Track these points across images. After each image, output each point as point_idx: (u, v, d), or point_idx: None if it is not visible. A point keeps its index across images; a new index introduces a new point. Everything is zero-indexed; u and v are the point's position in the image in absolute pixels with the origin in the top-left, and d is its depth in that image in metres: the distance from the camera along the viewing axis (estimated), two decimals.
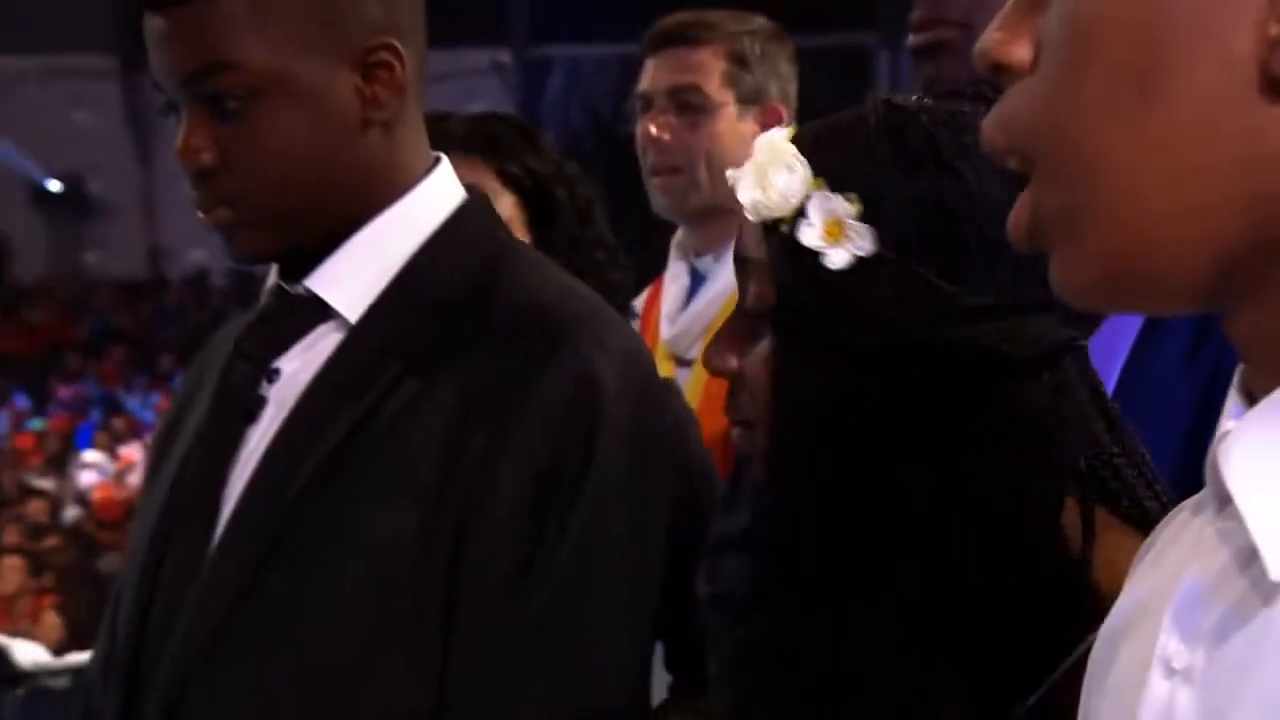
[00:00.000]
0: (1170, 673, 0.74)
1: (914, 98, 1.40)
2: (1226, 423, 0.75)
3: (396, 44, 1.62)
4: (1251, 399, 0.74)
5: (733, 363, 1.33)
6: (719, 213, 2.60)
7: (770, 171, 1.26)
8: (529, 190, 2.30)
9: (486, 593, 1.52)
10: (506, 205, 2.24)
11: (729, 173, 1.36)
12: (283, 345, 1.66)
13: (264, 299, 1.73)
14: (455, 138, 2.23)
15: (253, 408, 1.65)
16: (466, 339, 1.61)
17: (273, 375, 1.65)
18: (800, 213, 1.24)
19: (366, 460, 1.57)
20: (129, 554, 1.77)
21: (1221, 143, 0.71)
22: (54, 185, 19.55)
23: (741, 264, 1.36)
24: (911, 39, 1.77)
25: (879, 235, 1.23)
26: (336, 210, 1.65)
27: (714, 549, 1.73)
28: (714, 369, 1.36)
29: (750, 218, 1.29)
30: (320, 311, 1.65)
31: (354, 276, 1.64)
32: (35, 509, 10.71)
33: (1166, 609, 0.76)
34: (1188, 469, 1.44)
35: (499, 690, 1.52)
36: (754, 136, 2.64)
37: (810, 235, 1.23)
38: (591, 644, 1.54)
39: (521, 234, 2.23)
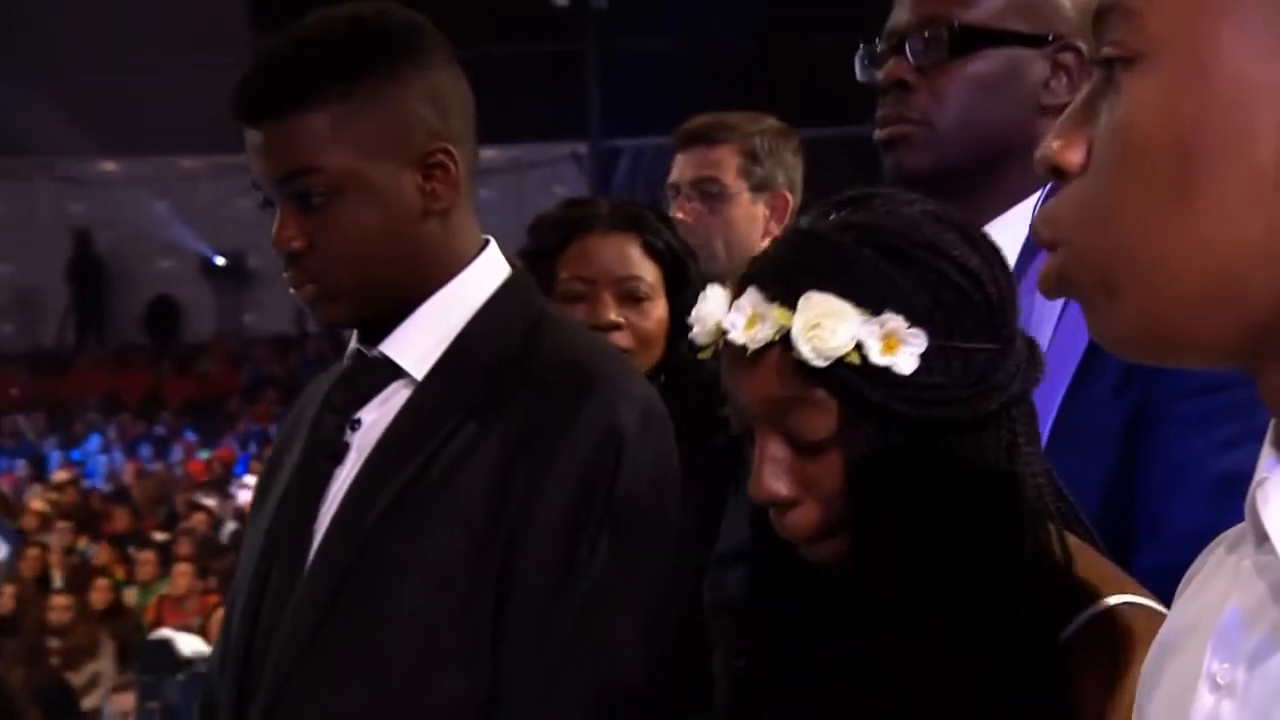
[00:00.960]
0: (1215, 687, 0.73)
1: (879, 192, 1.38)
2: (1262, 472, 0.72)
3: (451, 148, 1.62)
4: None
5: (786, 491, 1.26)
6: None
7: (826, 325, 1.20)
8: (668, 261, 2.26)
9: (529, 600, 1.52)
10: (650, 273, 2.24)
11: (738, 331, 1.27)
12: (362, 400, 1.66)
13: (346, 360, 1.73)
14: (602, 217, 2.26)
15: (338, 452, 1.65)
16: (511, 393, 1.60)
17: (354, 425, 1.65)
18: (858, 346, 1.20)
19: (429, 496, 1.57)
20: (240, 570, 1.78)
21: (1246, 234, 0.70)
22: (220, 260, 19.50)
23: (773, 407, 1.27)
24: (877, 133, 1.72)
25: (925, 330, 1.20)
26: (403, 286, 1.65)
27: (717, 562, 1.80)
28: (770, 499, 1.27)
29: (817, 364, 1.21)
30: (392, 371, 1.64)
31: (419, 342, 1.64)
32: (202, 523, 10.67)
33: (1211, 632, 0.74)
34: (1112, 498, 1.50)
35: (540, 679, 1.52)
36: (764, 218, 2.68)
37: (876, 355, 1.20)
38: (616, 642, 1.53)
39: (660, 299, 2.24)
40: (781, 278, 1.25)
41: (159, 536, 10.77)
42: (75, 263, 20.15)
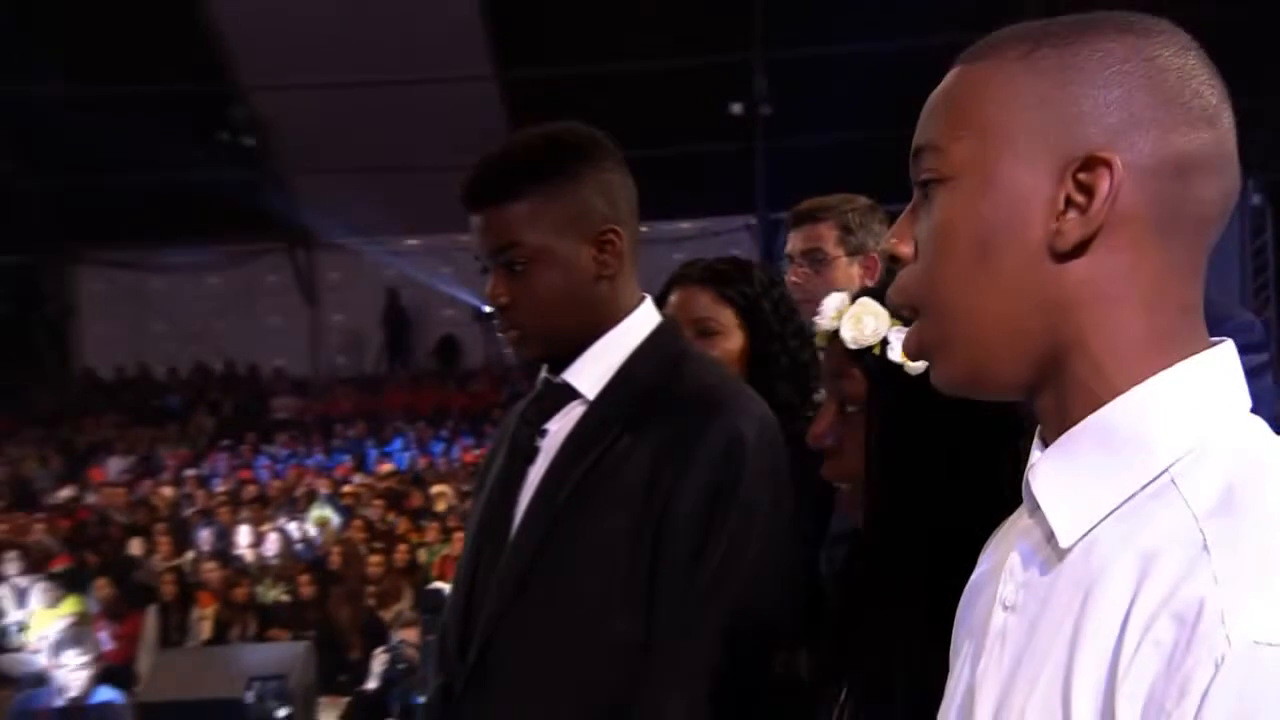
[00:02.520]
0: (1005, 608, 0.81)
1: None
2: (1033, 458, 0.81)
3: (618, 229, 1.67)
4: (1045, 444, 0.80)
5: (829, 440, 1.31)
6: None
7: (863, 318, 1.26)
8: (741, 306, 2.26)
9: (674, 568, 1.53)
10: (723, 315, 2.26)
11: (827, 319, 1.34)
12: (549, 414, 1.70)
13: (538, 386, 1.76)
14: (695, 276, 2.30)
15: (531, 454, 1.69)
16: (659, 411, 1.62)
17: (543, 434, 1.69)
18: (884, 341, 1.25)
19: (598, 487, 1.59)
20: (465, 542, 1.82)
21: (1028, 294, 0.78)
22: (487, 309, 19.72)
23: (832, 378, 1.33)
24: None
25: None
26: (580, 332, 1.68)
27: (831, 542, 1.81)
28: (816, 443, 1.32)
29: (851, 346, 1.27)
30: (571, 393, 1.68)
31: (591, 372, 1.67)
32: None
33: (1004, 570, 0.82)
34: None
35: (682, 626, 1.52)
36: (859, 279, 2.62)
37: (895, 354, 1.24)
38: (739, 599, 1.53)
39: (734, 334, 2.25)
40: (858, 295, 1.30)
41: (442, 509, 10.92)
42: (387, 312, 20.60)
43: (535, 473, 1.68)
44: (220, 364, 20.49)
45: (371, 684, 7.08)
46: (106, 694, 5.70)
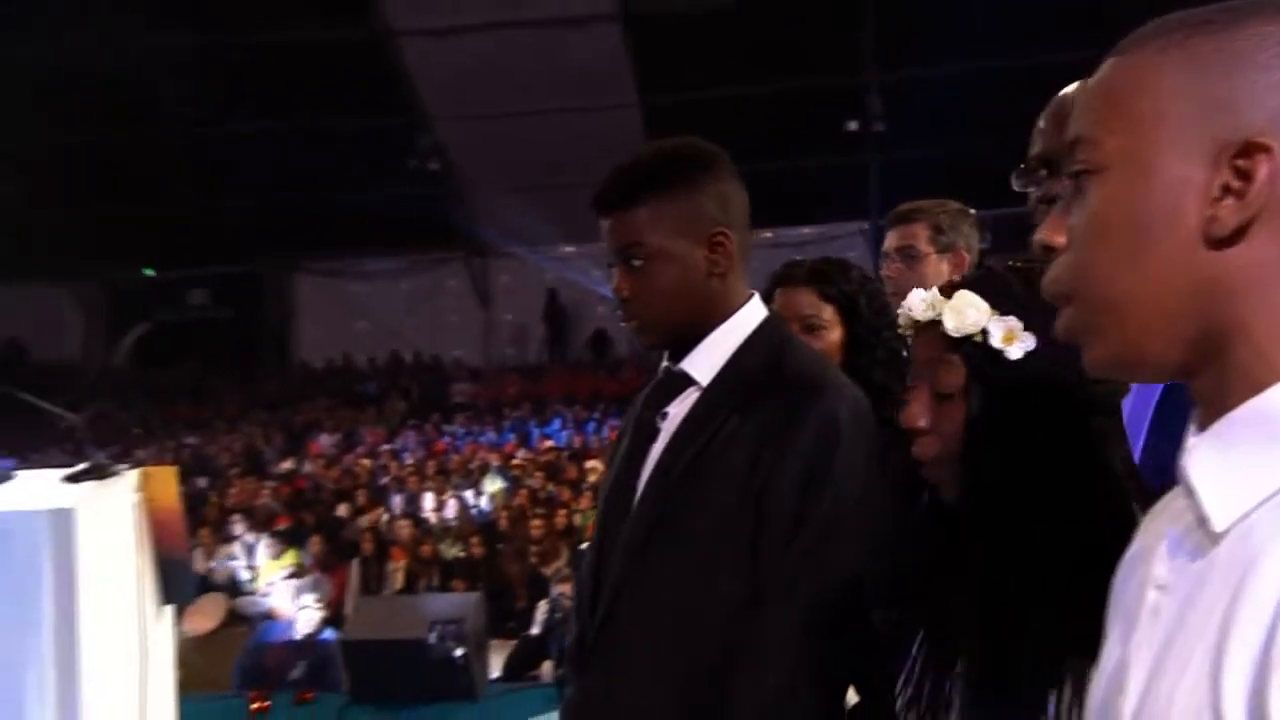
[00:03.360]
0: (1157, 587, 0.73)
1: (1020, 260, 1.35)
2: (1189, 442, 0.73)
3: (728, 232, 1.62)
4: (1201, 428, 0.73)
5: (923, 422, 1.25)
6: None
7: (965, 310, 1.21)
8: (839, 301, 2.21)
9: (775, 534, 1.50)
10: (824, 310, 2.20)
11: (918, 311, 1.29)
12: (668, 399, 1.66)
13: (659, 374, 1.71)
14: (799, 276, 2.25)
15: (653, 434, 1.65)
16: (764, 395, 1.57)
17: (663, 416, 1.65)
18: (984, 331, 1.20)
19: (710, 464, 1.55)
20: (598, 511, 1.78)
21: (1183, 281, 0.70)
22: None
23: (925, 365, 1.27)
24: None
25: (1036, 339, 1.18)
26: (692, 323, 1.64)
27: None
28: (910, 426, 1.26)
29: (953, 335, 1.22)
30: (688, 380, 1.64)
31: (705, 361, 1.63)
32: None
33: (1157, 550, 0.75)
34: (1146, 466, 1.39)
35: (784, 587, 1.48)
36: (949, 274, 2.56)
37: (995, 341, 1.19)
38: (834, 560, 1.50)
39: (835, 327, 2.20)
40: (954, 288, 1.25)
41: (593, 481, 10.87)
42: (548, 310, 20.73)
43: (655, 451, 1.64)
44: (410, 356, 20.89)
45: (534, 630, 7.17)
46: (323, 633, 5.95)
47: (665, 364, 1.70)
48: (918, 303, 1.27)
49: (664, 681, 1.53)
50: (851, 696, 1.61)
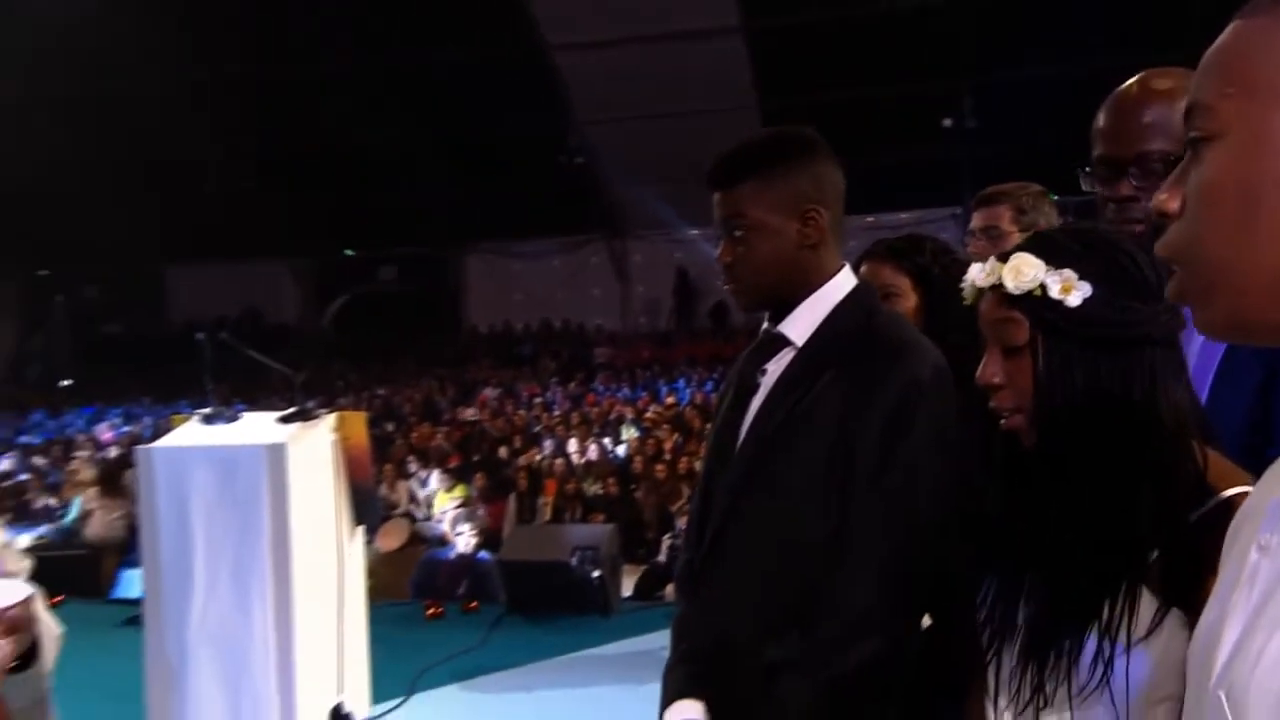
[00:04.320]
0: (1260, 550, 0.67)
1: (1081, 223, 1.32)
2: None
3: (820, 208, 1.56)
4: None
5: (996, 378, 1.20)
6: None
7: (1022, 268, 1.16)
8: (913, 273, 2.16)
9: (863, 476, 1.46)
10: (904, 282, 2.15)
11: (979, 279, 1.24)
12: (767, 358, 1.61)
13: (760, 335, 1.66)
14: (878, 252, 2.20)
15: (753, 390, 1.60)
16: (852, 356, 1.52)
17: (762, 373, 1.60)
18: (1042, 285, 1.15)
19: (803, 416, 1.51)
20: (703, 461, 1.73)
21: None
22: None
23: (993, 326, 1.22)
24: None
25: (1091, 285, 1.14)
26: (785, 288, 1.58)
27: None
28: (985, 384, 1.21)
29: (1014, 293, 1.17)
30: (785, 341, 1.58)
31: (800, 324, 1.57)
32: None
33: (1263, 513, 0.69)
34: (1252, 428, 1.36)
35: (866, 529, 1.44)
36: (983, 273, 2.51)
37: (1054, 293, 1.14)
38: (918, 501, 1.45)
39: (912, 296, 2.14)
40: (1011, 252, 1.20)
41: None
42: (677, 284, 20.71)
43: (755, 404, 1.59)
44: (559, 323, 21.17)
45: (660, 558, 7.23)
46: (482, 554, 6.13)
47: (765, 326, 1.65)
48: (978, 271, 1.23)
49: (755, 605, 1.51)
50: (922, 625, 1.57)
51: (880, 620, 1.43)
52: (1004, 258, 1.20)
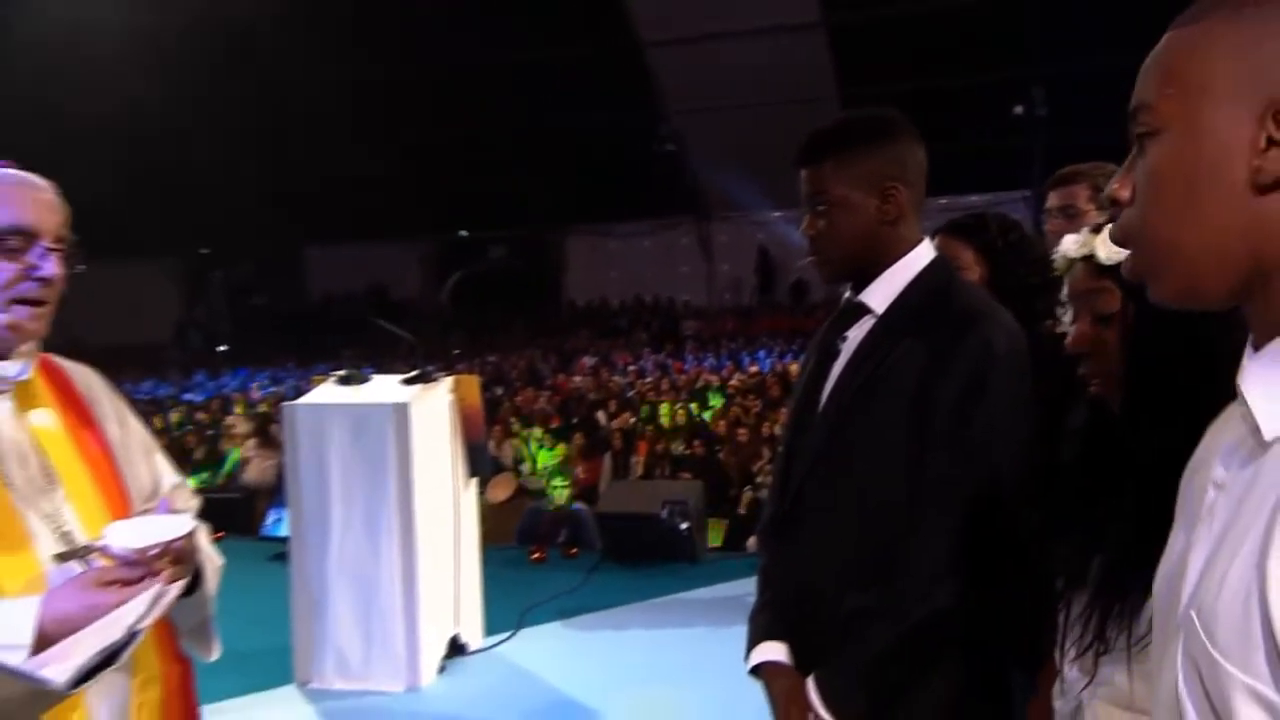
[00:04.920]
0: (1216, 487, 0.69)
1: None
2: (1245, 361, 0.68)
3: (899, 185, 1.49)
4: (1256, 349, 0.68)
5: (1085, 346, 1.16)
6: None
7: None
8: (979, 248, 2.07)
9: (940, 434, 1.40)
10: (969, 256, 2.07)
11: (1071, 250, 1.20)
12: (848, 325, 1.55)
13: (842, 304, 1.59)
14: (947, 229, 2.13)
15: (834, 355, 1.55)
16: (930, 324, 1.46)
17: (843, 340, 1.54)
18: None
19: (882, 380, 1.45)
20: (787, 421, 1.67)
21: (1233, 224, 0.65)
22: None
23: (1084, 295, 1.18)
24: None
25: None
26: (865, 260, 1.52)
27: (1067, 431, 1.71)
28: (1075, 349, 1.17)
29: (1105, 264, 1.13)
30: (865, 310, 1.53)
31: (881, 293, 1.52)
32: None
33: (1216, 454, 0.71)
34: None
35: (941, 483, 1.39)
36: (1075, 244, 2.45)
37: None
38: (994, 457, 1.39)
39: (976, 269, 2.05)
40: (1103, 224, 1.16)
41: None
42: (758, 262, 20.46)
43: (836, 369, 1.53)
44: (650, 298, 21.13)
45: (741, 512, 7.17)
46: (580, 506, 6.20)
47: (846, 296, 1.59)
48: (1070, 243, 1.18)
49: (836, 558, 1.47)
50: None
51: (954, 575, 1.39)
52: (1096, 229, 1.15)
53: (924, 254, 1.55)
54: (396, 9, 16.63)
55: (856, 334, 1.54)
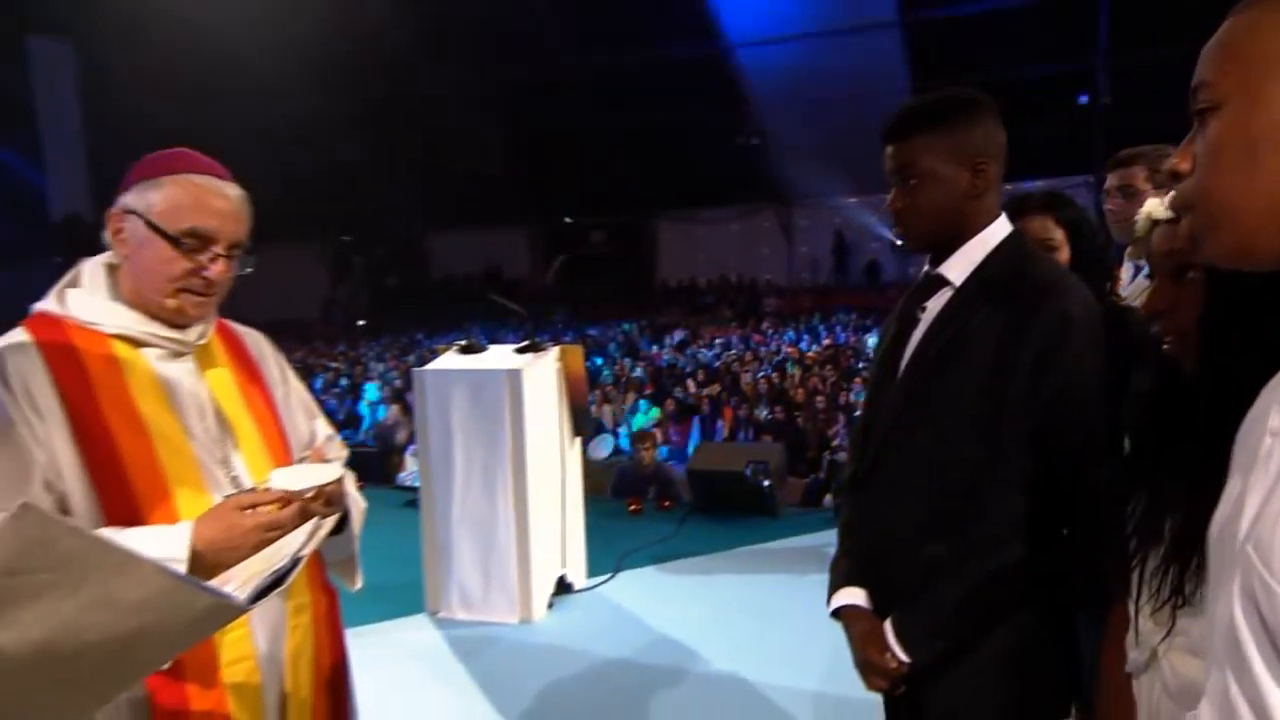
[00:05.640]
0: (1273, 435, 0.66)
1: None
2: None
3: (988, 161, 1.42)
4: None
5: (1164, 305, 1.10)
6: (1143, 239, 2.32)
7: None
8: (1068, 225, 1.94)
9: (1013, 403, 1.32)
10: (1056, 232, 1.94)
11: (1155, 213, 1.13)
12: (927, 296, 1.48)
13: (921, 276, 1.51)
14: (1036, 203, 1.97)
15: (914, 324, 1.48)
16: (1007, 294, 1.38)
17: (923, 309, 1.47)
18: None
19: (960, 346, 1.39)
20: (868, 384, 1.59)
21: None
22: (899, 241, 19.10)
23: (1164, 256, 1.12)
24: None
25: None
26: (949, 233, 1.44)
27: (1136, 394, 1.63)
28: (1152, 311, 1.10)
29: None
30: (944, 281, 1.45)
31: (959, 265, 1.44)
32: None
33: (1274, 405, 0.68)
34: None
35: (1016, 445, 1.32)
36: (1160, 207, 2.33)
37: None
38: (1063, 428, 1.32)
39: (1064, 247, 1.93)
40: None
41: (864, 370, 10.57)
42: (835, 245, 20.21)
43: (915, 337, 1.47)
44: (734, 277, 20.99)
45: (821, 474, 7.07)
46: (672, 464, 6.21)
47: (926, 268, 1.50)
48: (1156, 205, 1.11)
49: (913, 512, 1.42)
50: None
51: (1025, 528, 1.33)
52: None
53: (1001, 228, 1.47)
54: (510, 22, 16.86)
55: (935, 304, 1.47)
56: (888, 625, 1.40)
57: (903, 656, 1.37)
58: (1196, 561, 1.02)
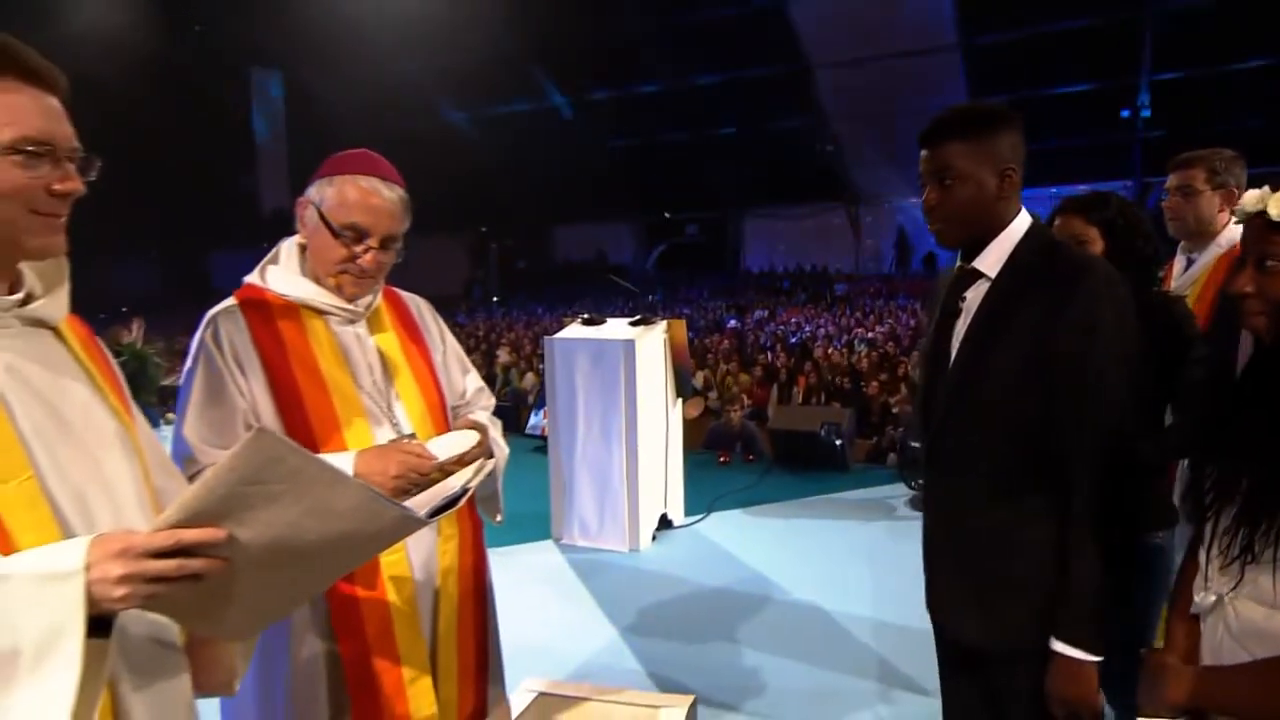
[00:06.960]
0: None
1: None
2: None
3: (1014, 167, 1.32)
4: None
5: (1249, 287, 1.01)
6: (1199, 235, 2.04)
7: None
8: (1100, 224, 1.76)
9: (1058, 380, 1.23)
10: (1092, 232, 1.76)
11: (1250, 205, 1.03)
12: (965, 287, 1.37)
13: (955, 271, 1.41)
14: (1071, 206, 1.82)
15: (957, 314, 1.38)
16: (1038, 283, 1.28)
17: (962, 300, 1.37)
18: None
19: (1000, 335, 1.30)
20: (921, 369, 1.48)
21: None
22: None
23: (1254, 243, 1.02)
24: None
25: None
26: (979, 230, 1.34)
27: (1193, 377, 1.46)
28: (1238, 292, 1.02)
29: (1276, 219, 0.98)
30: (979, 275, 1.35)
31: (992, 258, 1.34)
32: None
33: None
34: None
35: (1064, 422, 1.23)
36: (1218, 205, 2.08)
37: None
38: (1104, 399, 1.22)
39: (1099, 243, 1.75)
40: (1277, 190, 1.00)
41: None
42: (897, 239, 19.82)
43: (960, 326, 1.37)
44: (809, 266, 20.66)
45: (884, 443, 6.89)
46: (753, 424, 6.08)
47: (959, 264, 1.40)
48: (1250, 198, 1.02)
49: (977, 481, 1.34)
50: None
51: (1097, 488, 1.25)
52: (1275, 188, 1.01)
53: (1024, 221, 1.38)
54: (621, 44, 16.85)
55: (974, 295, 1.38)
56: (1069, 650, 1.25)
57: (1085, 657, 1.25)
58: (1266, 524, 0.95)
